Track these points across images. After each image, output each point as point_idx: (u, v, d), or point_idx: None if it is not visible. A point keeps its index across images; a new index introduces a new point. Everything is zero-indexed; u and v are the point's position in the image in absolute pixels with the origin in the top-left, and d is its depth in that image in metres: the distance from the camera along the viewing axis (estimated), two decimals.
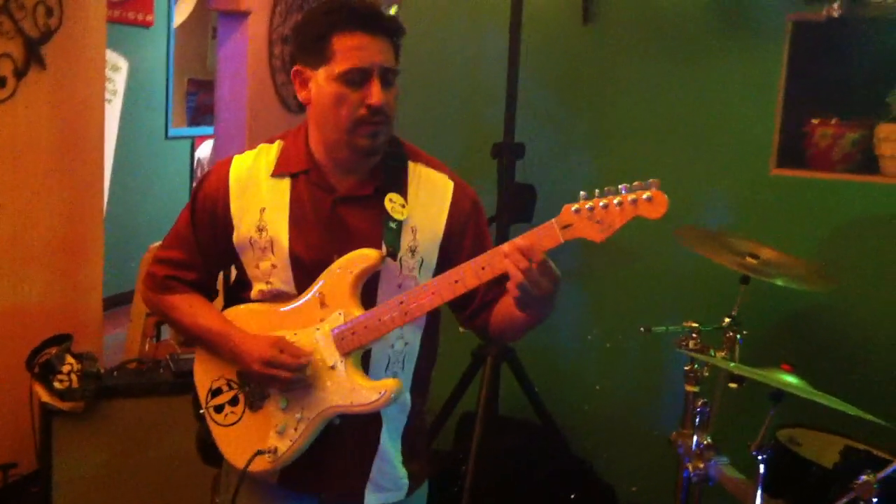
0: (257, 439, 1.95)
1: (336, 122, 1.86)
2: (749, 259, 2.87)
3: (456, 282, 1.76)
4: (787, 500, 2.32)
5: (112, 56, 6.49)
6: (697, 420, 2.58)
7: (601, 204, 1.65)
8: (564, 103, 3.90)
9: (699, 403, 2.58)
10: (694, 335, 2.74)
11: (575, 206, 1.66)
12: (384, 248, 1.87)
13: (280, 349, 1.88)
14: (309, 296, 1.91)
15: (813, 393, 2.26)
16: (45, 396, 3.17)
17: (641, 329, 2.84)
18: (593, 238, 1.67)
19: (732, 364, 2.59)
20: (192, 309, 2.03)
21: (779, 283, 2.84)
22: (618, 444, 3.81)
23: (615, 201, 1.64)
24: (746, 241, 2.95)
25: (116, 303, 6.21)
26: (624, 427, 3.78)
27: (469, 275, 1.75)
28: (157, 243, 5.06)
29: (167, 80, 7.84)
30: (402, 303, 1.81)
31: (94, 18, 4.10)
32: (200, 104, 8.38)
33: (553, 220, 1.68)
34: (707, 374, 2.74)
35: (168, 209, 7.89)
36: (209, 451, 2.82)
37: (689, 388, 2.73)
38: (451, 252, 1.96)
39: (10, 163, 3.68)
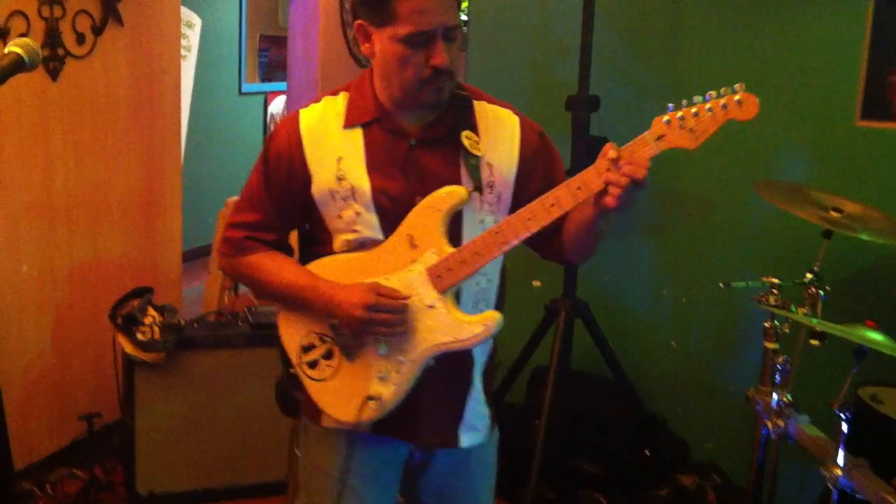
0: (358, 389, 1.95)
1: (401, 81, 1.87)
2: (832, 213, 2.79)
3: (552, 205, 1.78)
4: (869, 458, 2.27)
5: (186, 13, 6.54)
6: (777, 377, 2.54)
7: (693, 112, 1.68)
8: (639, 55, 3.82)
9: (779, 360, 2.54)
10: (774, 291, 2.68)
11: (665, 118, 1.70)
12: (468, 184, 1.90)
13: (378, 292, 1.87)
14: (397, 238, 1.90)
15: None
16: (128, 347, 3.26)
17: (721, 285, 2.79)
18: (686, 146, 1.70)
19: (815, 320, 2.54)
20: (277, 267, 2.01)
21: (863, 237, 2.75)
22: (692, 401, 3.77)
23: (706, 107, 1.67)
24: (829, 194, 2.86)
25: (194, 256, 6.34)
26: (699, 383, 3.74)
27: (565, 196, 1.77)
28: (235, 198, 5.13)
29: (240, 36, 7.91)
30: (498, 233, 1.82)
31: None
32: (272, 60, 8.44)
33: (645, 132, 1.71)
34: (787, 330, 2.68)
35: (243, 164, 8.00)
36: (288, 401, 2.90)
37: (769, 345, 2.68)
38: (524, 185, 1.98)
39: (88, 119, 3.75)
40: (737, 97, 1.65)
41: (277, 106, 8.37)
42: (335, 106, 1.98)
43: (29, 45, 1.59)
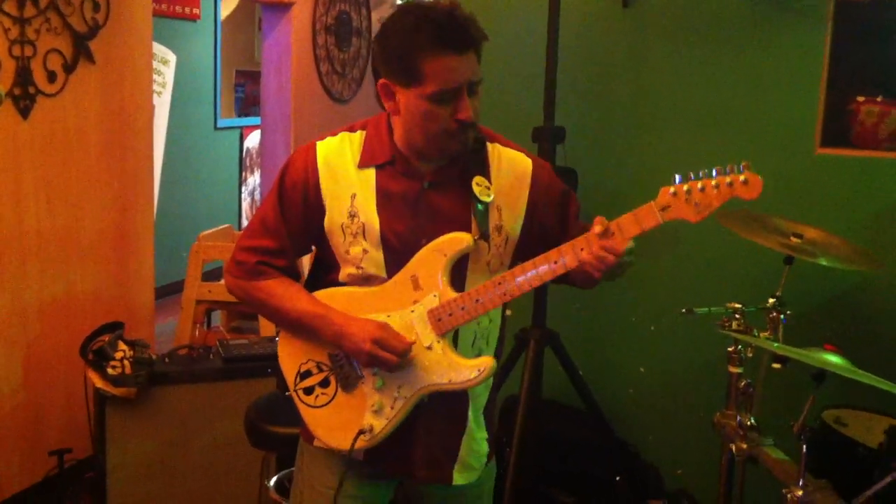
0: (351, 419, 2.00)
1: (425, 134, 1.92)
2: (793, 239, 2.84)
3: (555, 262, 1.85)
4: (832, 480, 2.30)
5: (161, 49, 6.59)
6: (741, 401, 2.57)
7: (699, 187, 1.75)
8: (604, 87, 3.88)
9: (742, 384, 2.57)
10: (737, 316, 2.72)
11: (672, 189, 1.77)
12: (475, 231, 1.95)
13: (387, 332, 1.92)
14: (401, 278, 1.95)
15: (855, 372, 2.24)
16: (98, 382, 3.25)
17: (683, 311, 2.83)
18: (690, 218, 1.78)
19: (776, 345, 2.57)
20: (289, 293, 2.03)
21: (823, 262, 2.80)
22: (662, 427, 3.80)
23: (712, 184, 1.74)
24: (790, 221, 2.92)
25: (167, 292, 6.33)
26: (668, 409, 3.77)
27: (569, 256, 1.84)
28: (207, 231, 5.15)
29: (215, 72, 7.95)
30: (500, 284, 1.88)
31: (139, 13, 4.18)
32: (248, 95, 8.48)
33: (652, 202, 1.79)
34: (751, 354, 2.72)
35: (218, 199, 8.06)
36: (257, 434, 2.91)
37: (733, 370, 2.71)
38: (535, 225, 2.04)
39: (60, 156, 3.76)
40: (742, 177, 1.71)
41: (253, 140, 8.41)
42: (352, 144, 2.01)
43: None
